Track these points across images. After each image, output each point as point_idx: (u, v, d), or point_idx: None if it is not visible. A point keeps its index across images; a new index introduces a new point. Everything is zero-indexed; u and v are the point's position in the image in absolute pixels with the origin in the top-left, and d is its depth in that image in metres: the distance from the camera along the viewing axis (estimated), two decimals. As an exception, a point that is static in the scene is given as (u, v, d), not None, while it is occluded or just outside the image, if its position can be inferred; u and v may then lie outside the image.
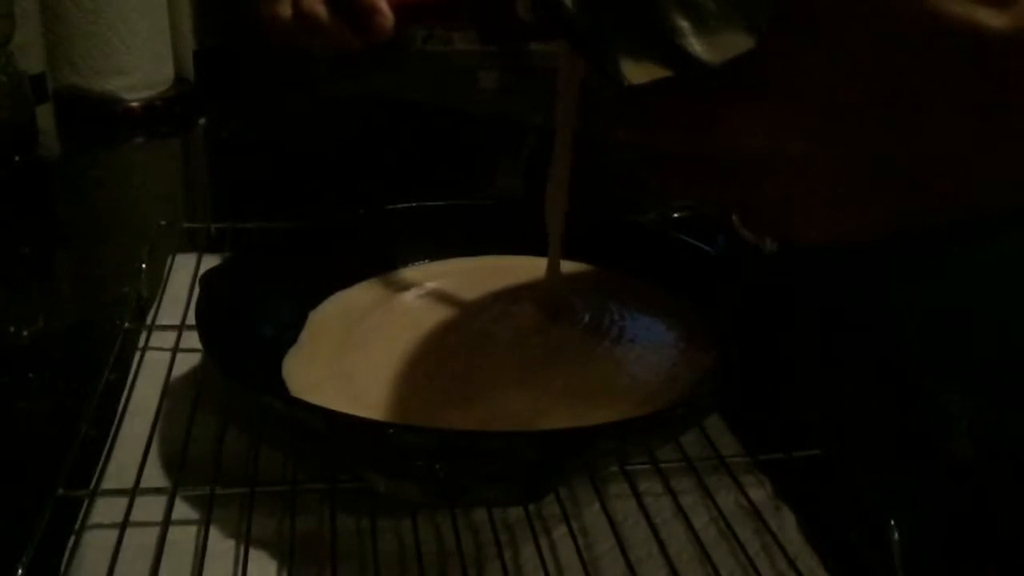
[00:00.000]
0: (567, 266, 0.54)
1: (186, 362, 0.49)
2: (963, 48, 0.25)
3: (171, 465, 0.41)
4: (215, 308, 0.42)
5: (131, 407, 0.45)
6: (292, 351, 0.46)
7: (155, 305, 0.54)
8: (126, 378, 0.48)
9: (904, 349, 0.49)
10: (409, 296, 0.52)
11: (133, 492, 0.39)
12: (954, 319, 0.47)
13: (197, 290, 0.44)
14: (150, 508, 0.39)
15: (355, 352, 0.46)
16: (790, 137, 0.28)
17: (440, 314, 0.50)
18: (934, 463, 0.46)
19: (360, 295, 0.51)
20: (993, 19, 0.25)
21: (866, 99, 0.27)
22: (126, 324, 0.51)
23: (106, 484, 0.40)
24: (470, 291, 0.52)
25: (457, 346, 0.47)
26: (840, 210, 0.29)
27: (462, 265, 0.55)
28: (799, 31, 0.27)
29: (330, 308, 0.50)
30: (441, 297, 0.51)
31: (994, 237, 0.43)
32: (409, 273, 0.54)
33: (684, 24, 0.28)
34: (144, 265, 0.56)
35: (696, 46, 0.28)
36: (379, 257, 0.53)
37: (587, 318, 0.49)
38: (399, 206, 0.55)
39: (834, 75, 0.27)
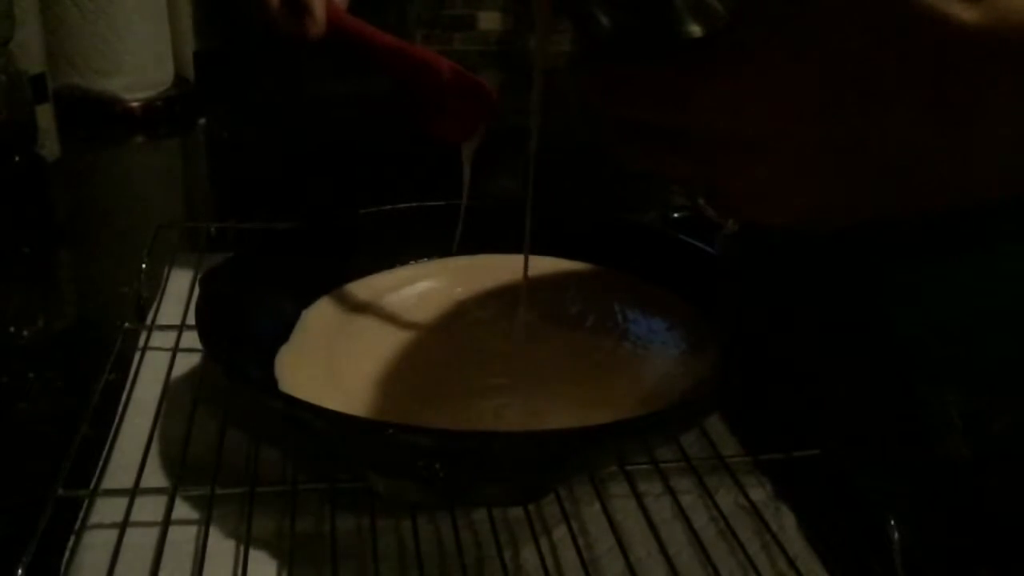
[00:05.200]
0: (568, 266, 0.54)
1: (186, 362, 0.49)
2: (933, 39, 0.25)
3: (171, 465, 0.41)
4: (215, 308, 0.42)
5: (131, 407, 0.45)
6: (283, 349, 0.45)
7: (155, 305, 0.54)
8: (126, 378, 0.48)
9: (902, 351, 0.49)
10: (405, 295, 0.52)
11: (133, 492, 0.39)
12: (951, 322, 0.47)
13: (197, 290, 0.44)
14: (150, 508, 0.39)
15: (347, 351, 0.46)
16: (759, 116, 0.28)
17: (435, 313, 0.50)
18: (933, 464, 0.46)
19: (355, 294, 0.51)
20: (964, 12, 0.25)
21: (834, 83, 0.27)
22: (126, 324, 0.51)
23: (106, 484, 0.40)
24: (468, 290, 0.52)
25: (453, 346, 0.47)
26: (804, 194, 0.30)
27: (460, 264, 0.55)
28: (774, 10, 0.27)
29: (323, 307, 0.50)
30: (437, 296, 0.51)
31: (992, 241, 0.44)
32: (406, 272, 0.54)
33: (696, 28, 0.29)
34: (144, 265, 0.56)
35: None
36: (379, 257, 0.53)
37: (588, 319, 0.49)
38: (399, 206, 0.55)
39: (805, 57, 0.27)
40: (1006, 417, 0.45)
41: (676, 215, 0.65)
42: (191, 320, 0.44)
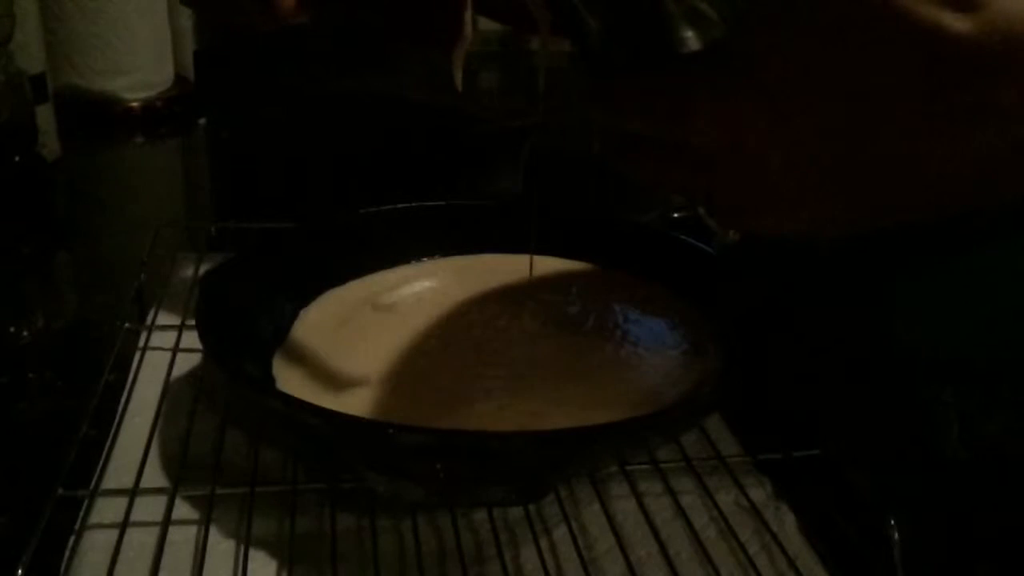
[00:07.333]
0: (568, 266, 0.54)
1: (186, 362, 0.49)
2: (927, 50, 0.25)
3: (171, 465, 0.41)
4: (215, 308, 0.42)
5: (131, 407, 0.45)
6: (283, 349, 0.45)
7: (155, 305, 0.54)
8: (126, 378, 0.48)
9: (901, 351, 0.49)
10: (404, 294, 0.51)
11: (133, 492, 0.39)
12: (949, 323, 0.47)
13: (197, 290, 0.44)
14: (150, 508, 0.39)
15: (346, 351, 0.45)
16: (754, 128, 0.28)
17: (435, 313, 0.49)
18: (933, 464, 0.46)
19: (354, 293, 0.51)
20: (957, 23, 0.25)
21: (832, 96, 0.27)
22: (126, 324, 0.51)
23: (106, 484, 0.40)
24: (467, 290, 0.52)
25: (453, 346, 0.47)
26: (804, 206, 0.30)
27: (460, 263, 0.55)
28: (769, 23, 0.27)
29: (323, 306, 0.50)
30: (437, 296, 0.51)
31: (989, 242, 0.44)
32: (405, 272, 0.53)
33: (690, 35, 0.29)
34: (144, 265, 0.56)
35: (694, 47, 0.29)
36: (379, 257, 0.53)
37: (589, 319, 0.49)
38: (399, 206, 0.55)
39: (800, 69, 0.27)
40: (1001, 417, 0.45)
41: (676, 215, 0.65)
42: (191, 320, 0.44)
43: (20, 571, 0.33)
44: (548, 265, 0.54)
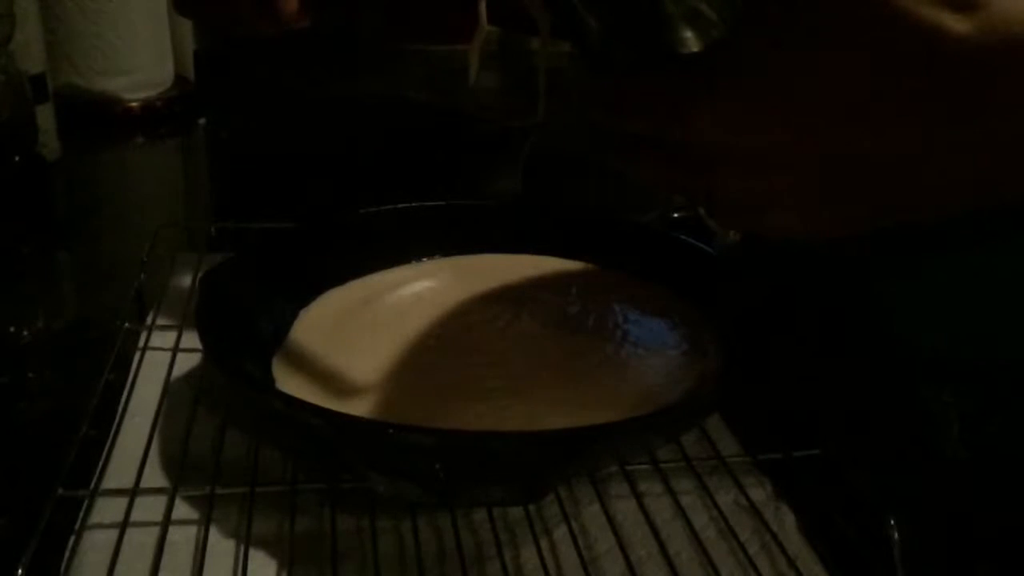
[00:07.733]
0: (568, 266, 0.54)
1: (186, 362, 0.49)
2: (927, 52, 0.25)
3: (171, 465, 0.41)
4: (215, 308, 0.42)
5: (131, 407, 0.45)
6: (281, 350, 0.45)
7: (155, 305, 0.54)
8: (126, 378, 0.48)
9: (901, 351, 0.49)
10: (404, 294, 0.51)
11: (133, 492, 0.39)
12: (949, 322, 0.47)
13: (197, 290, 0.44)
14: (150, 508, 0.39)
15: (346, 351, 0.45)
16: (754, 128, 0.28)
17: (435, 313, 0.49)
18: (933, 464, 0.46)
19: (354, 293, 0.51)
20: (957, 24, 0.25)
21: (828, 97, 0.27)
22: (126, 324, 0.51)
23: (106, 484, 0.40)
24: (467, 290, 0.52)
25: (453, 346, 0.47)
26: (804, 207, 0.30)
27: (459, 263, 0.55)
28: (769, 24, 0.27)
29: (323, 306, 0.50)
30: (437, 296, 0.51)
31: (990, 241, 0.44)
32: (405, 272, 0.53)
33: (690, 35, 0.29)
34: (144, 264, 0.56)
35: (694, 47, 0.29)
36: (378, 257, 0.53)
37: (589, 319, 0.49)
38: (399, 206, 0.55)
39: (799, 70, 0.27)
40: (1001, 417, 0.45)
41: (676, 215, 0.65)
42: (191, 320, 0.44)
43: (20, 571, 0.33)
44: (548, 265, 0.54)
